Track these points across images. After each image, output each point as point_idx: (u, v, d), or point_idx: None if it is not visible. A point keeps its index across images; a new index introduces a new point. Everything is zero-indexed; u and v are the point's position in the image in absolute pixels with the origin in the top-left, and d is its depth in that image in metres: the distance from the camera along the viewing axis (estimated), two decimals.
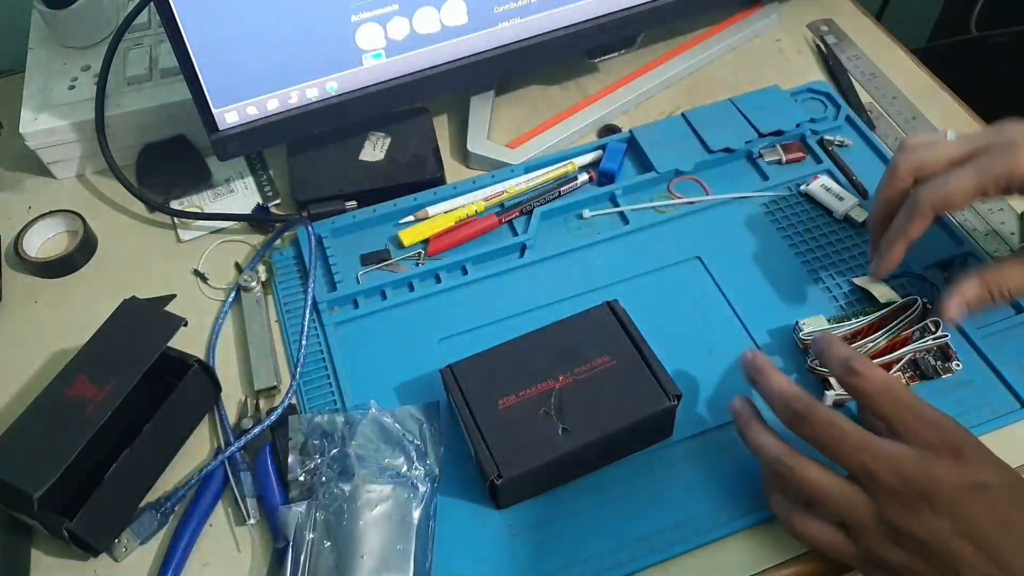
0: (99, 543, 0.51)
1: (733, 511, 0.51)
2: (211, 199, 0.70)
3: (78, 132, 0.70)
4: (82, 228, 0.67)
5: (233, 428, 0.57)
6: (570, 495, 0.53)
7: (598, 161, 0.69)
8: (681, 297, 0.61)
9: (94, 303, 0.63)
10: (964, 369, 0.56)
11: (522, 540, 0.51)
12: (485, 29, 0.65)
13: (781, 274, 0.62)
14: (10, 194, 0.73)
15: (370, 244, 0.66)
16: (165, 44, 0.70)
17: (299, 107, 0.64)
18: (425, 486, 0.51)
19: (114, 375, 0.52)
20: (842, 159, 0.68)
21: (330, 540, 0.50)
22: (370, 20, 0.61)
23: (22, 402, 0.53)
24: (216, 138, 0.63)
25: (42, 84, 0.71)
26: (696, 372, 0.57)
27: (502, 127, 0.75)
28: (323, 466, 0.52)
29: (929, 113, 0.72)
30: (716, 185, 0.68)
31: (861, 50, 0.79)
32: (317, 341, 0.61)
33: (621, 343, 0.53)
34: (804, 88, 0.74)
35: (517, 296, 0.62)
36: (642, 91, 0.76)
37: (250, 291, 0.63)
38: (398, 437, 0.53)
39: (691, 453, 0.54)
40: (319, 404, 0.57)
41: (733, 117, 0.70)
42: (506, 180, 0.68)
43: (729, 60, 0.80)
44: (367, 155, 0.70)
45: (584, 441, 0.50)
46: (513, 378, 0.52)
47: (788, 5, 0.83)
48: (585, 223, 0.67)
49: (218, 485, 0.54)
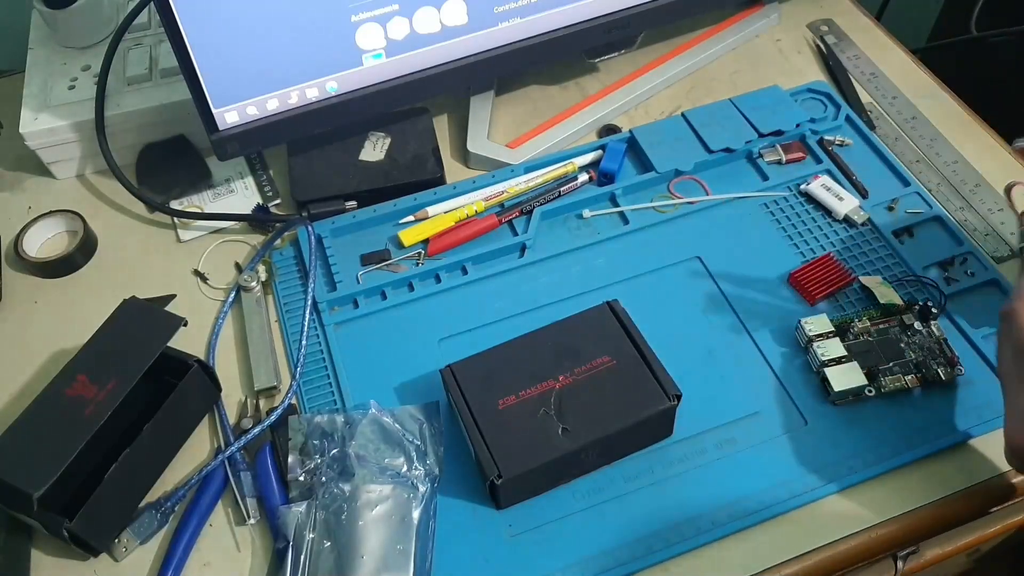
0: (99, 543, 0.51)
1: (733, 511, 0.51)
2: (211, 199, 0.70)
3: (78, 132, 0.70)
4: (82, 228, 0.67)
5: (233, 428, 0.57)
6: (570, 495, 0.53)
7: (598, 161, 0.69)
8: (681, 297, 0.61)
9: (94, 303, 0.63)
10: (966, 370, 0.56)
11: (522, 540, 0.51)
12: (485, 29, 0.65)
13: (781, 274, 0.62)
14: (10, 194, 0.73)
15: (370, 244, 0.66)
16: (165, 44, 0.70)
17: (299, 107, 0.64)
18: (425, 486, 0.51)
19: (114, 375, 0.52)
20: (842, 159, 0.68)
21: (330, 540, 0.50)
22: (370, 20, 0.61)
23: (22, 402, 0.53)
24: (216, 138, 0.63)
25: (42, 84, 0.71)
26: (696, 372, 0.57)
27: (502, 127, 0.75)
28: (323, 466, 0.52)
29: (929, 113, 0.72)
30: (716, 185, 0.68)
31: (861, 50, 0.79)
32: (317, 341, 0.61)
33: (621, 343, 0.53)
34: (804, 88, 0.74)
35: (517, 296, 0.62)
36: (642, 91, 0.76)
37: (250, 291, 0.63)
38: (398, 437, 0.53)
39: (691, 453, 0.54)
40: (319, 404, 0.57)
41: (733, 117, 0.70)
42: (506, 180, 0.68)
43: (729, 60, 0.80)
44: (367, 155, 0.70)
45: (584, 441, 0.50)
46: (513, 378, 0.52)
47: (788, 5, 0.83)
48: (585, 223, 0.67)
49: (218, 485, 0.54)
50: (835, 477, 0.52)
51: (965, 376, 0.55)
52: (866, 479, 0.52)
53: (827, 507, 0.51)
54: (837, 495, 0.52)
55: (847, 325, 0.57)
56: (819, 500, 0.52)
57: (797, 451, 0.53)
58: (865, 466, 0.53)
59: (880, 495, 0.52)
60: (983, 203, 0.66)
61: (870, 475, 0.52)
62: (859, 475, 0.52)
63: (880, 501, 0.52)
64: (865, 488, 0.52)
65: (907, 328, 0.57)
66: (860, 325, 0.57)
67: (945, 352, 0.56)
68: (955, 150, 0.69)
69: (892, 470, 0.52)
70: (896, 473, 0.52)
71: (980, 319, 0.58)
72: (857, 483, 0.52)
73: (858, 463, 0.53)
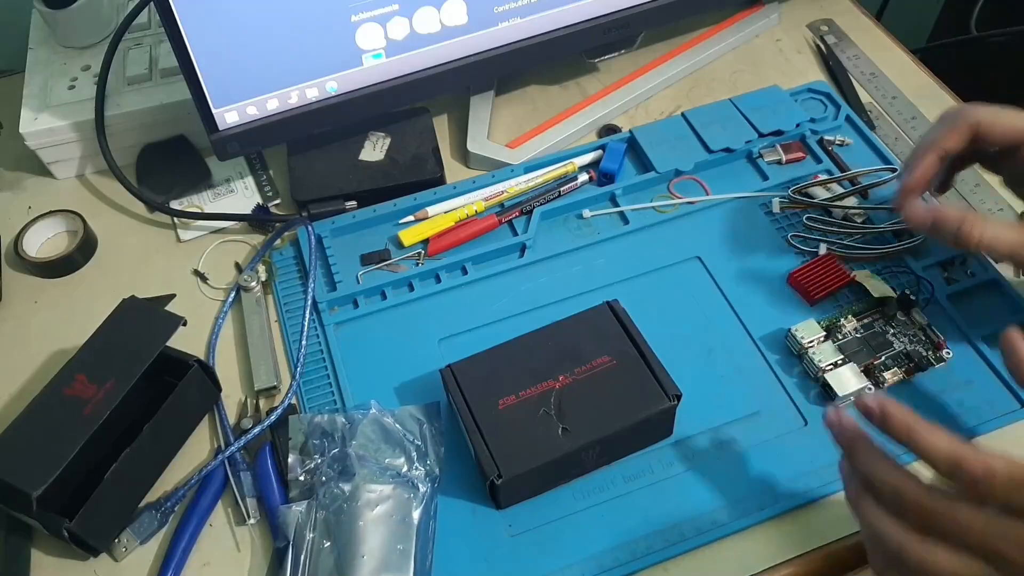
0: (99, 543, 0.51)
1: (733, 511, 0.51)
2: (211, 199, 0.70)
3: (78, 132, 0.70)
4: (82, 228, 0.67)
5: (233, 428, 0.57)
6: (570, 495, 0.53)
7: (598, 161, 0.69)
8: (681, 297, 0.61)
9: (94, 303, 0.63)
10: (964, 369, 0.56)
11: (522, 540, 0.51)
12: (485, 29, 0.65)
13: (781, 274, 0.62)
14: (10, 194, 0.73)
15: (370, 244, 0.66)
16: (165, 44, 0.70)
17: (299, 107, 0.64)
18: (425, 486, 0.51)
19: (113, 375, 0.52)
20: (842, 159, 0.68)
21: (330, 540, 0.50)
22: (370, 20, 0.61)
23: (22, 402, 0.53)
24: (216, 138, 0.63)
25: (42, 84, 0.71)
26: (696, 372, 0.57)
27: (502, 127, 0.75)
28: (323, 466, 0.52)
29: (929, 113, 0.72)
30: (716, 185, 0.68)
31: (861, 50, 0.79)
32: (317, 341, 0.61)
33: (621, 343, 0.53)
34: (804, 88, 0.74)
35: (517, 296, 0.62)
36: (642, 91, 0.76)
37: (250, 291, 0.63)
38: (398, 437, 0.53)
39: (691, 453, 0.54)
40: (319, 404, 0.57)
41: (733, 117, 0.70)
42: (506, 180, 0.68)
43: (729, 60, 0.80)
44: (367, 155, 0.70)
45: (584, 441, 0.50)
46: (513, 378, 0.52)
47: (788, 5, 0.83)
48: (585, 223, 0.67)
49: (218, 485, 0.54)
50: (835, 477, 0.52)
51: (963, 376, 0.55)
52: None
53: (827, 507, 0.51)
54: (837, 495, 0.52)
55: (835, 325, 0.57)
56: (819, 500, 0.51)
57: (797, 451, 0.53)
58: None
59: None
60: (983, 203, 0.66)
61: None
62: None
63: None
64: None
65: (891, 319, 0.58)
66: (848, 325, 0.57)
67: (931, 337, 0.56)
68: None
69: None
70: None
71: (980, 319, 0.58)
72: None
73: None
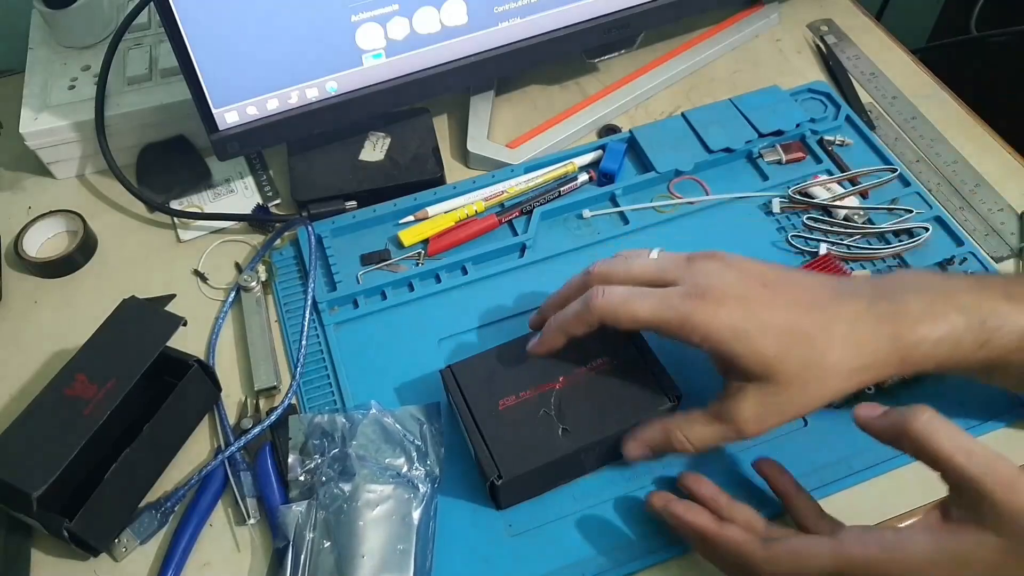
0: (99, 543, 0.51)
1: None
2: (211, 199, 0.70)
3: (78, 132, 0.70)
4: (82, 228, 0.67)
5: (233, 428, 0.57)
6: (570, 495, 0.53)
7: (598, 161, 0.69)
8: None
9: (94, 303, 0.63)
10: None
11: (522, 540, 0.51)
12: (485, 29, 0.65)
13: None
14: (10, 194, 0.73)
15: (370, 244, 0.66)
16: (165, 44, 0.70)
17: (299, 107, 0.64)
18: (425, 486, 0.51)
19: (113, 375, 0.52)
20: (842, 159, 0.68)
21: (330, 540, 0.50)
22: (370, 20, 0.61)
23: (22, 402, 0.53)
24: (216, 138, 0.63)
25: (42, 84, 0.71)
26: (696, 373, 0.57)
27: (502, 127, 0.75)
28: (323, 466, 0.52)
29: (929, 113, 0.72)
30: (716, 185, 0.68)
31: (861, 50, 0.79)
32: (317, 341, 0.61)
33: (621, 344, 0.53)
34: (804, 88, 0.74)
35: (517, 296, 0.62)
36: (642, 91, 0.76)
37: (250, 291, 0.63)
38: (399, 437, 0.53)
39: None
40: (319, 404, 0.57)
41: (733, 117, 0.70)
42: (506, 180, 0.68)
43: (729, 60, 0.80)
44: (367, 155, 0.70)
45: (584, 442, 0.50)
46: (513, 378, 0.52)
47: (788, 5, 0.83)
48: (585, 223, 0.67)
49: (218, 485, 0.54)
50: (835, 477, 0.52)
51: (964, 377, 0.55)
52: (867, 479, 0.52)
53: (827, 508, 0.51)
54: (837, 495, 0.52)
55: None
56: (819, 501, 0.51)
57: (797, 451, 0.53)
58: (865, 466, 0.53)
59: (881, 495, 0.52)
60: (983, 203, 0.66)
61: (871, 475, 0.52)
62: (859, 475, 0.52)
63: (881, 501, 0.52)
64: (866, 488, 0.52)
65: None
66: None
67: None
68: (955, 150, 0.69)
69: (893, 470, 0.52)
70: (897, 473, 0.52)
71: None
72: (857, 483, 0.52)
73: (858, 463, 0.53)
